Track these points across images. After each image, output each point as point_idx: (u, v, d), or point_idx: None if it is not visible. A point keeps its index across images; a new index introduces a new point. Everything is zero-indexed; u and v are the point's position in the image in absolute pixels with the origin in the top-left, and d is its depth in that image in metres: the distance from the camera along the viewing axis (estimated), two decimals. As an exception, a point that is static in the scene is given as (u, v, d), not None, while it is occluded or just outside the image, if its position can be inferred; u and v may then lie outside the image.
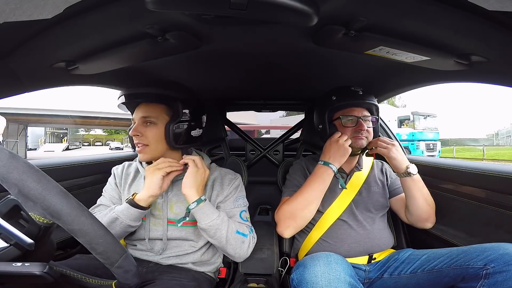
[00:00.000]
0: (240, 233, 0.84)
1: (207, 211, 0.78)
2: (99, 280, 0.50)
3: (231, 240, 0.81)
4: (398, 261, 0.90)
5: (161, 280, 0.76)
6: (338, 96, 0.98)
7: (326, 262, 0.65)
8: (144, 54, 0.74)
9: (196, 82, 1.12)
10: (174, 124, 0.81)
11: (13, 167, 0.40)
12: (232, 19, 0.57)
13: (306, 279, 0.64)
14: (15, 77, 0.68)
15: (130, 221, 0.78)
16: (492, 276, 0.68)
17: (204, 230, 0.80)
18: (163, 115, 0.82)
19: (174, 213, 0.86)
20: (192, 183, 0.79)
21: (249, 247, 0.86)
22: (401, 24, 0.55)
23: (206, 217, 0.78)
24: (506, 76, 0.67)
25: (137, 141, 0.82)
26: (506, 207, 0.82)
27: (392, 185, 1.08)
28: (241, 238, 0.83)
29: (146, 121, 0.82)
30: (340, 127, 1.00)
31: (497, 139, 34.24)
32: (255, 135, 8.24)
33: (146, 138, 0.81)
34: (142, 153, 0.83)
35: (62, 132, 32.83)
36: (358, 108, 0.98)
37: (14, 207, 0.45)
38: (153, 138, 0.81)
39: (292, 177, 1.08)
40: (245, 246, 0.84)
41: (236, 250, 0.83)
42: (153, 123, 0.82)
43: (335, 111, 1.01)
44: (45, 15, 0.43)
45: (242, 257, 0.86)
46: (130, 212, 0.78)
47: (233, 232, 0.82)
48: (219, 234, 0.79)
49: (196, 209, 0.78)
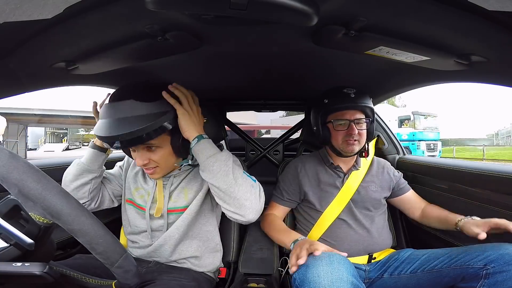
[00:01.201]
0: (247, 175, 0.76)
1: (209, 145, 0.72)
2: (99, 280, 0.50)
3: (239, 179, 0.71)
4: (398, 261, 0.90)
5: (161, 280, 0.76)
6: (330, 99, 0.98)
7: (328, 261, 0.65)
8: (144, 54, 0.74)
9: (196, 82, 1.12)
10: (178, 140, 0.76)
11: (13, 167, 0.40)
12: (232, 19, 0.57)
13: (308, 279, 0.63)
14: (15, 77, 0.68)
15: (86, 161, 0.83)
16: (492, 276, 0.68)
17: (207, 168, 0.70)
18: (165, 136, 0.75)
19: (173, 201, 0.86)
20: (187, 125, 0.72)
21: (261, 195, 0.76)
22: (401, 24, 0.55)
23: (209, 149, 0.71)
24: (506, 76, 0.67)
25: (146, 167, 0.78)
26: (506, 207, 0.82)
27: (397, 185, 1.09)
28: (249, 181, 0.74)
29: (148, 148, 0.76)
30: (332, 130, 1.01)
31: (497, 139, 34.23)
32: (255, 135, 8.24)
33: (154, 161, 0.77)
34: (156, 174, 0.80)
35: (62, 132, 32.81)
36: (350, 110, 0.98)
37: (14, 207, 0.45)
38: (161, 159, 0.77)
39: (282, 180, 1.10)
40: (255, 191, 0.74)
41: (247, 194, 0.71)
42: (158, 147, 0.76)
43: (327, 114, 1.01)
44: (45, 15, 0.43)
45: (254, 208, 0.72)
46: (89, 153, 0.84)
47: (240, 172, 0.74)
48: (225, 169, 0.69)
49: (198, 145, 0.72)
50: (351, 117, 0.97)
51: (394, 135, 1.49)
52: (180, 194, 0.86)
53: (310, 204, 1.03)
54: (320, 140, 1.05)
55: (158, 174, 0.81)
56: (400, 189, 1.08)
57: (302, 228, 1.05)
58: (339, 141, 0.99)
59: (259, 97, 1.54)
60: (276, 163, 1.59)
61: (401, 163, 1.36)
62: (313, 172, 1.06)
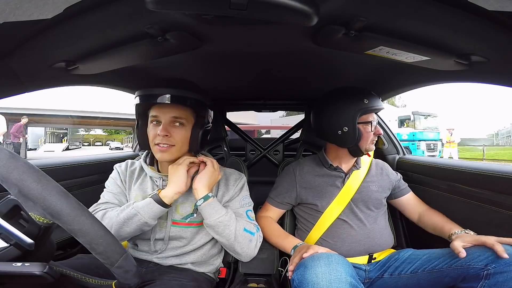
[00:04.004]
0: (248, 231, 0.84)
1: (215, 207, 0.79)
2: (99, 280, 0.50)
3: (239, 238, 0.81)
4: (399, 261, 0.90)
5: (161, 280, 0.76)
6: (370, 99, 0.95)
7: (327, 262, 0.65)
8: (144, 54, 0.74)
9: (196, 82, 1.12)
10: (201, 129, 0.83)
11: (13, 167, 0.40)
12: (232, 19, 0.57)
13: (307, 279, 0.64)
14: (15, 77, 0.68)
15: (149, 218, 0.75)
16: (493, 276, 0.68)
17: (212, 227, 0.80)
18: (191, 118, 0.83)
19: (179, 214, 0.86)
20: (205, 180, 0.81)
21: (256, 246, 0.87)
22: (401, 24, 0.55)
23: (214, 213, 0.79)
24: (506, 76, 0.67)
25: (163, 142, 0.79)
26: (506, 207, 0.82)
27: (397, 187, 1.09)
28: (248, 236, 0.84)
29: (176, 121, 0.80)
30: (363, 131, 0.97)
31: (497, 139, 34.23)
32: (255, 135, 8.24)
33: (174, 138, 0.80)
34: (167, 153, 0.80)
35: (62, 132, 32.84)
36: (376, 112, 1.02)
37: (14, 207, 0.45)
38: (180, 139, 0.81)
39: (279, 183, 1.10)
40: (252, 245, 0.85)
41: (244, 248, 0.83)
42: (182, 125, 0.81)
43: (364, 114, 0.96)
44: (45, 15, 0.43)
45: (249, 256, 0.86)
46: (151, 209, 0.75)
47: (241, 229, 0.82)
48: (228, 232, 0.79)
49: (204, 204, 0.78)
50: (376, 118, 1.00)
51: (394, 135, 1.49)
52: (184, 206, 0.87)
53: (310, 204, 1.02)
54: (348, 141, 0.97)
55: (171, 155, 0.81)
56: (400, 191, 1.08)
57: (302, 228, 1.05)
58: (368, 141, 0.98)
59: (259, 97, 1.54)
60: (276, 163, 1.59)
61: (401, 163, 1.36)
62: (311, 175, 1.06)
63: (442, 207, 1.01)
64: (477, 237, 0.77)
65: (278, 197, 1.07)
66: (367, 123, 0.97)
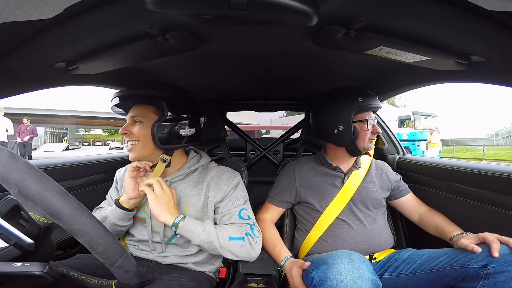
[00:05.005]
0: (235, 238, 0.81)
1: (190, 229, 0.75)
2: (99, 280, 0.50)
3: (227, 247, 0.79)
4: (398, 261, 0.90)
5: (161, 280, 0.76)
6: (364, 98, 0.96)
7: (349, 260, 0.64)
8: (144, 54, 0.74)
9: (196, 82, 1.12)
10: (159, 123, 0.80)
11: (13, 167, 0.40)
12: (232, 19, 0.57)
13: (330, 277, 0.63)
14: (15, 77, 0.68)
15: (118, 221, 0.82)
16: (493, 276, 0.68)
17: (199, 246, 0.78)
18: (151, 115, 0.83)
19: (165, 236, 0.85)
20: (158, 209, 0.74)
21: (252, 248, 0.83)
22: (401, 24, 0.55)
23: (192, 235, 0.75)
24: (506, 76, 0.67)
25: (127, 140, 0.84)
26: (506, 207, 0.82)
27: (397, 188, 1.09)
28: (237, 243, 0.81)
29: (134, 120, 0.84)
30: (359, 130, 0.97)
31: (497, 139, 34.25)
32: (255, 135, 8.24)
33: (135, 135, 0.83)
34: (132, 151, 0.84)
35: (62, 132, 32.84)
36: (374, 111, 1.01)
37: (14, 207, 0.45)
38: (140, 135, 0.82)
39: (278, 181, 1.10)
40: (245, 249, 0.82)
41: (238, 254, 0.81)
42: (140, 122, 0.83)
43: (360, 113, 0.97)
44: (45, 15, 0.43)
45: (249, 258, 0.84)
46: (116, 213, 0.82)
47: (226, 240, 0.79)
48: (212, 246, 0.77)
49: (179, 231, 0.75)
50: (373, 116, 1.00)
51: (394, 135, 1.49)
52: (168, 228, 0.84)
53: (309, 204, 1.02)
54: (345, 140, 0.97)
55: (134, 152, 0.83)
56: (400, 192, 1.08)
57: (302, 228, 1.05)
58: (365, 140, 0.98)
59: (259, 97, 1.54)
60: (276, 163, 1.59)
61: (401, 163, 1.36)
62: (310, 174, 1.06)
63: (442, 207, 1.01)
64: (478, 234, 0.77)
65: (278, 196, 1.07)
66: (363, 122, 0.97)
